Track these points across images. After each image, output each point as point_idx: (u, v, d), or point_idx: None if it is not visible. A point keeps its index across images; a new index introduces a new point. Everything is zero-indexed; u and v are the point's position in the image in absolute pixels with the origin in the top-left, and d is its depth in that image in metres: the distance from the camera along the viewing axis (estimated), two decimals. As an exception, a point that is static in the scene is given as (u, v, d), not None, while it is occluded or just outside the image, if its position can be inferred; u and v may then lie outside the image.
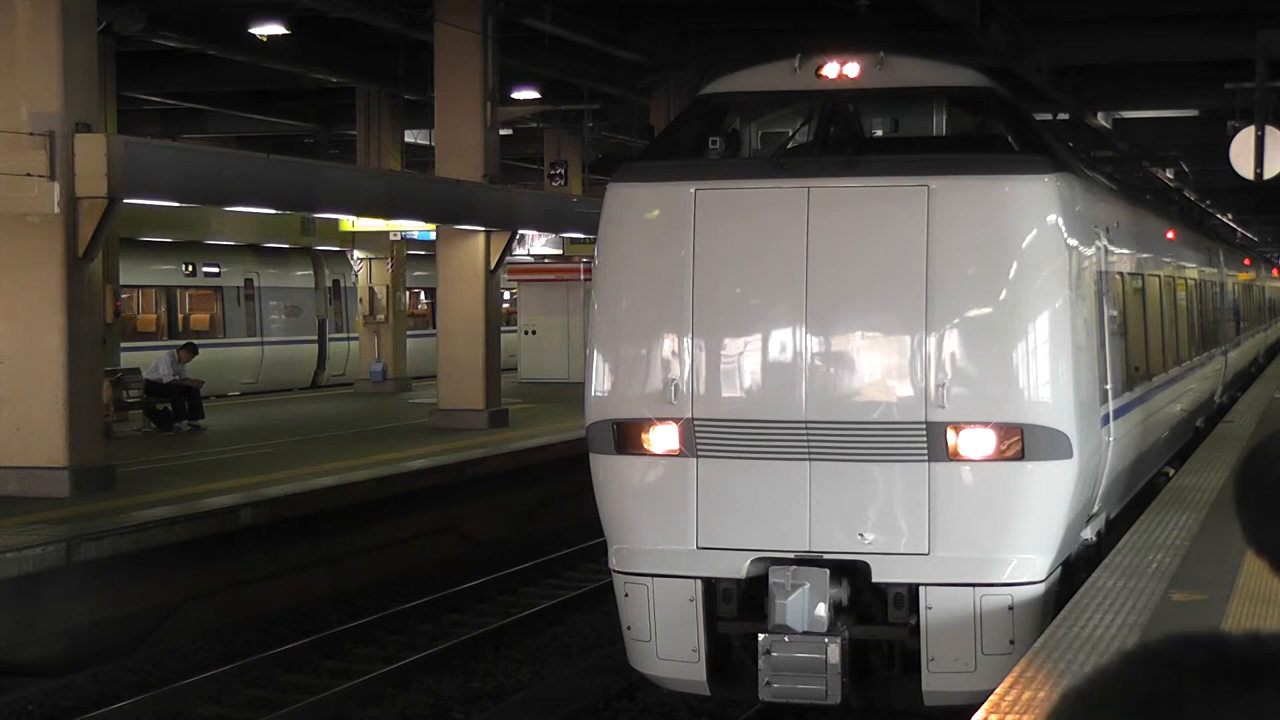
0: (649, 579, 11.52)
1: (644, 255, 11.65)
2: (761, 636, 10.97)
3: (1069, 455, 11.08)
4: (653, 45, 28.55)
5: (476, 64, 24.79)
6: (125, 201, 17.73)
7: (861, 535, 11.10)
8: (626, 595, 11.67)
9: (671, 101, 28.45)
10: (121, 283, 29.32)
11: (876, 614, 11.28)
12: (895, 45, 13.94)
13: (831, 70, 12.00)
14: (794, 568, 11.03)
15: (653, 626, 11.54)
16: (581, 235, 33.18)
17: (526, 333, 35.32)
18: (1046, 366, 11.10)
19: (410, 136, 35.79)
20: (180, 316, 36.31)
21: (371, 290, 34.02)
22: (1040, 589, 11.06)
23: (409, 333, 35.29)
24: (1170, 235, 19.85)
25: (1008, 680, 8.35)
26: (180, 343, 28.71)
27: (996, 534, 11.04)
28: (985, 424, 10.96)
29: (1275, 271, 51.97)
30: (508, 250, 26.39)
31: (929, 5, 22.16)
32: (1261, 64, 19.40)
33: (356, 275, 35.53)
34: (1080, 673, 1.39)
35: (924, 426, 10.96)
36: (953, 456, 10.95)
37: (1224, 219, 48.17)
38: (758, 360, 11.36)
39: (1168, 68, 31.46)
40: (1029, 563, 11.04)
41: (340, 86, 33.36)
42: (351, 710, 14.33)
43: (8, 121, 16.95)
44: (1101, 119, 35.14)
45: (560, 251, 38.16)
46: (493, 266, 25.73)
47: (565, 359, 33.81)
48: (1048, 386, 11.10)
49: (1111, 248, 13.23)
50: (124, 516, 16.35)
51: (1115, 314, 13.18)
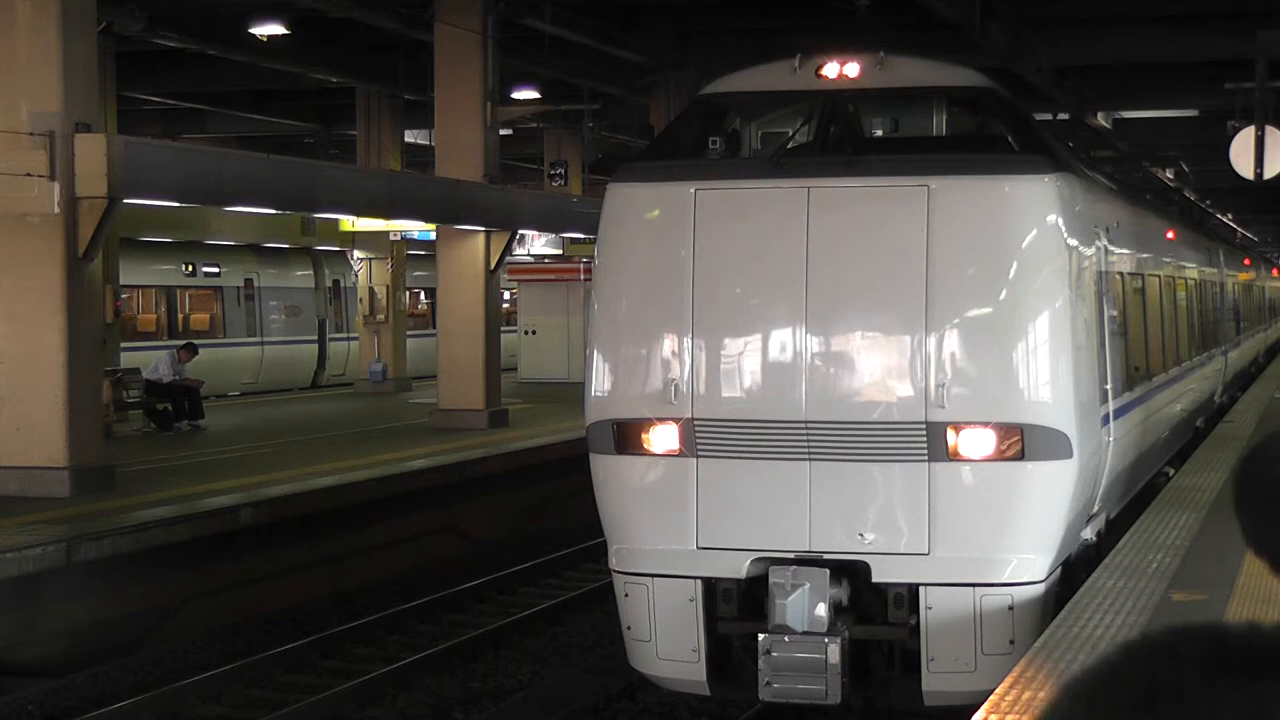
0: (649, 579, 11.52)
1: (644, 255, 11.65)
2: (761, 636, 10.97)
3: (1069, 455, 11.08)
4: (653, 45, 28.54)
5: (476, 64, 24.79)
6: (125, 201, 17.74)
7: (861, 535, 11.10)
8: (626, 595, 11.67)
9: (671, 101, 28.44)
10: (121, 283, 29.31)
11: (876, 614, 11.28)
12: (895, 45, 13.94)
13: (831, 70, 11.99)
14: (794, 568, 11.03)
15: (653, 626, 11.54)
16: (581, 235, 33.17)
17: (526, 333, 35.30)
18: (1046, 366, 11.10)
19: (410, 136, 35.77)
20: (180, 316, 36.30)
21: (371, 290, 34.01)
22: (1040, 589, 11.06)
23: (409, 333, 35.28)
24: (1170, 235, 19.85)
25: (1008, 680, 8.35)
26: (180, 343, 28.70)
27: (996, 534, 11.04)
28: (985, 424, 10.96)
29: (1275, 271, 51.95)
30: (508, 250, 26.38)
31: (929, 5, 22.16)
32: (1261, 64, 19.39)
33: (356, 275, 35.51)
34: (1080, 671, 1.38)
35: (924, 426, 10.96)
36: (953, 456, 10.95)
37: (1224, 219, 48.15)
38: (758, 360, 11.36)
39: (1168, 68, 31.46)
40: (1029, 563, 11.04)
41: (340, 86, 33.34)
42: (351, 710, 14.33)
43: (8, 121, 16.95)
44: (1101, 119, 35.13)
45: (560, 251, 38.14)
46: (493, 266, 25.72)
47: (565, 359, 33.80)
48: (1048, 386, 11.10)
49: (1111, 248, 13.22)
50: (124, 516, 16.35)
51: (1115, 314, 13.18)
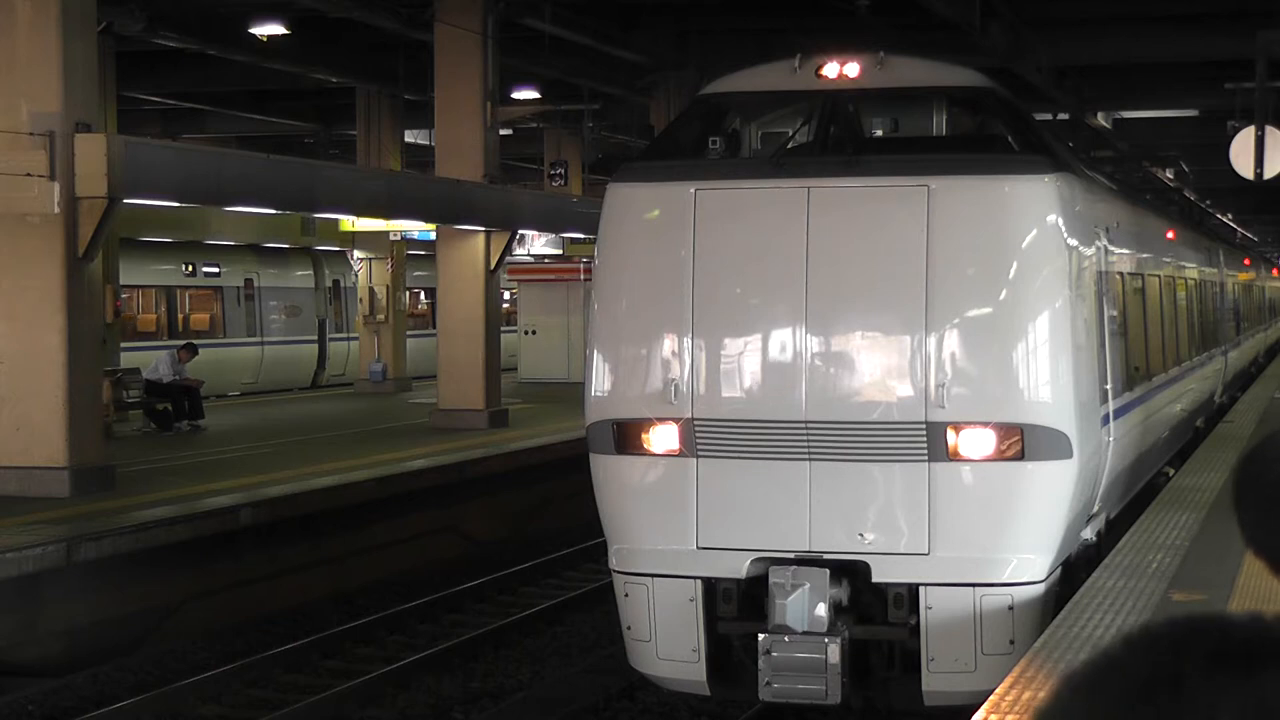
0: (649, 579, 11.52)
1: (644, 255, 11.65)
2: (761, 636, 10.97)
3: (1069, 455, 11.08)
4: (653, 45, 28.54)
5: (476, 64, 24.79)
6: (125, 201, 17.74)
7: (861, 535, 11.10)
8: (626, 595, 11.67)
9: (671, 101, 28.44)
10: (121, 283, 29.31)
11: (876, 614, 11.28)
12: (895, 45, 13.93)
13: (831, 70, 11.99)
14: (794, 568, 11.03)
15: (653, 626, 11.54)
16: (581, 235, 33.16)
17: (526, 333, 35.30)
18: (1046, 366, 11.10)
19: (410, 136, 35.77)
20: (180, 316, 36.30)
21: (371, 290, 34.00)
22: (1040, 589, 11.06)
23: (409, 333, 35.28)
24: (1170, 235, 19.85)
25: (1008, 680, 8.35)
26: (180, 343, 28.70)
27: (996, 534, 11.04)
28: (985, 424, 10.95)
29: (1275, 271, 51.95)
30: (508, 250, 26.38)
31: (929, 5, 22.16)
32: (1261, 64, 19.39)
33: (356, 275, 35.51)
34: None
35: (924, 426, 10.96)
36: (953, 456, 10.95)
37: (1224, 219, 48.15)
38: (758, 360, 11.36)
39: (1168, 68, 31.46)
40: (1029, 563, 11.04)
41: (340, 86, 33.34)
42: (351, 710, 14.33)
43: (8, 121, 16.95)
44: (1101, 119, 35.13)
45: (560, 251, 38.14)
46: (493, 266, 25.72)
47: (565, 359, 33.79)
48: (1048, 386, 11.10)
49: (1111, 248, 13.22)
50: (124, 516, 16.35)
51: (1115, 314, 13.17)
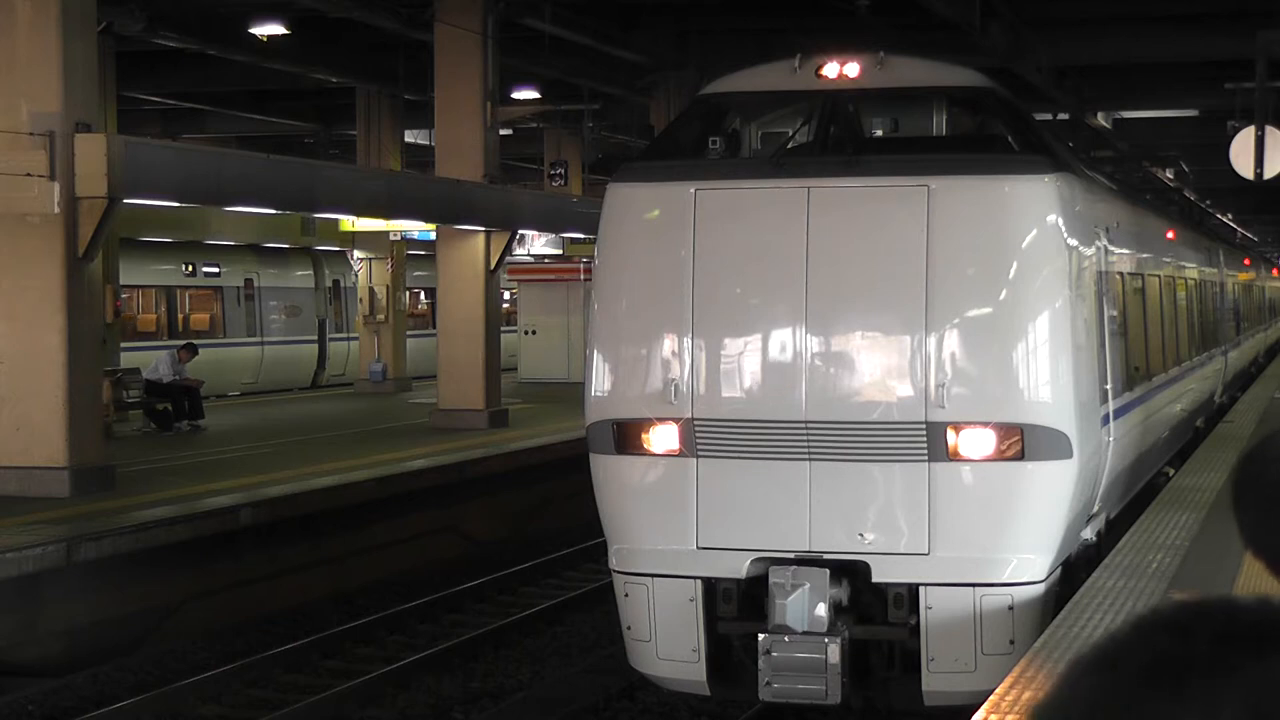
0: (649, 579, 11.52)
1: (644, 255, 11.65)
2: (761, 636, 10.97)
3: (1069, 455, 11.08)
4: (653, 45, 28.54)
5: (476, 64, 24.79)
6: (125, 201, 17.74)
7: (861, 535, 11.10)
8: (626, 595, 11.67)
9: (671, 101, 28.44)
10: (121, 283, 29.31)
11: (876, 614, 11.28)
12: (895, 45, 13.94)
13: (831, 70, 11.99)
14: (794, 568, 11.03)
15: (653, 626, 11.54)
16: (581, 235, 33.16)
17: (526, 333, 35.30)
18: (1046, 366, 11.10)
19: (410, 136, 35.77)
20: (180, 316, 36.29)
21: (371, 290, 34.01)
22: (1040, 589, 11.06)
23: (409, 333, 35.28)
24: (1170, 235, 19.84)
25: (1008, 680, 8.35)
26: (180, 343, 28.71)
27: (996, 534, 11.04)
28: (985, 424, 10.96)
29: (1275, 271, 51.94)
30: (508, 250, 26.38)
31: (929, 5, 22.16)
32: (1261, 64, 19.39)
33: (356, 275, 35.52)
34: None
35: (924, 426, 10.96)
36: (953, 456, 10.95)
37: (1224, 219, 48.15)
38: (758, 360, 11.36)
39: (1168, 68, 31.46)
40: (1029, 563, 11.04)
41: (340, 86, 33.34)
42: (351, 710, 14.33)
43: (8, 121, 16.95)
44: (1101, 119, 35.13)
45: (560, 251, 38.14)
46: (493, 266, 25.72)
47: (565, 359, 33.79)
48: (1048, 386, 11.10)
49: (1111, 248, 13.22)
50: (124, 516, 16.35)
51: (1115, 314, 13.17)
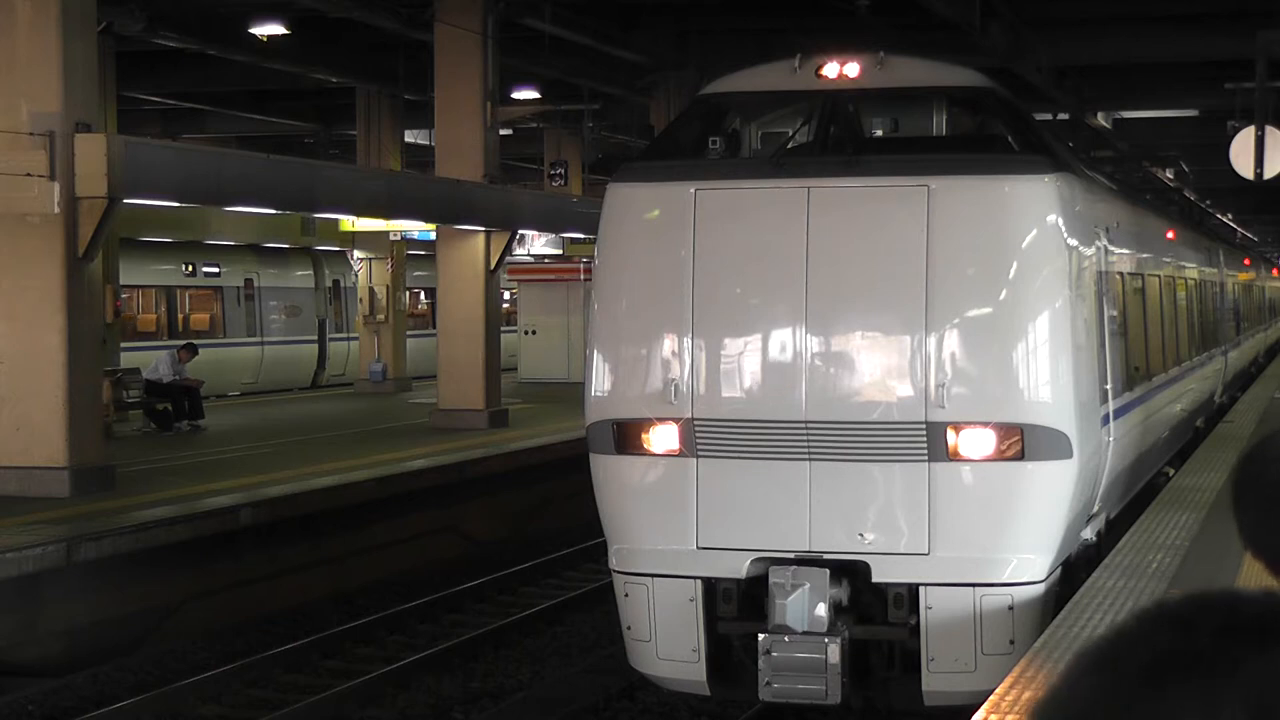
0: (649, 579, 11.52)
1: (644, 255, 11.65)
2: (761, 636, 10.97)
3: (1069, 455, 11.08)
4: (653, 45, 28.54)
5: (476, 64, 24.79)
6: (125, 201, 17.74)
7: (861, 535, 11.10)
8: (626, 595, 11.67)
9: (671, 101, 28.44)
10: (121, 283, 29.31)
11: (876, 614, 11.28)
12: (895, 45, 13.93)
13: (831, 70, 11.99)
14: (794, 568, 11.03)
15: (653, 626, 11.54)
16: (581, 235, 33.16)
17: (526, 333, 35.30)
18: (1046, 366, 11.10)
19: (410, 136, 35.77)
20: (180, 316, 36.30)
21: (371, 290, 34.01)
22: (1040, 589, 11.06)
23: (409, 333, 35.28)
24: (1170, 235, 19.84)
25: (1008, 680, 8.35)
26: (180, 343, 28.71)
27: (996, 534, 11.04)
28: (985, 424, 10.96)
29: (1275, 271, 51.94)
30: (508, 250, 26.38)
31: (929, 5, 22.16)
32: (1261, 64, 19.39)
33: (356, 275, 35.51)
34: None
35: (924, 426, 10.96)
36: (953, 456, 10.95)
37: (1224, 219, 48.14)
38: (758, 360, 11.36)
39: (1168, 68, 31.45)
40: (1029, 563, 11.04)
41: (340, 86, 33.34)
42: (351, 710, 14.33)
43: (8, 121, 16.95)
44: (1101, 119, 35.12)
45: (560, 251, 38.14)
46: (493, 266, 25.72)
47: (565, 359, 33.79)
48: (1048, 386, 11.10)
49: (1111, 248, 13.22)
50: (124, 516, 16.35)
51: (1115, 314, 13.17)
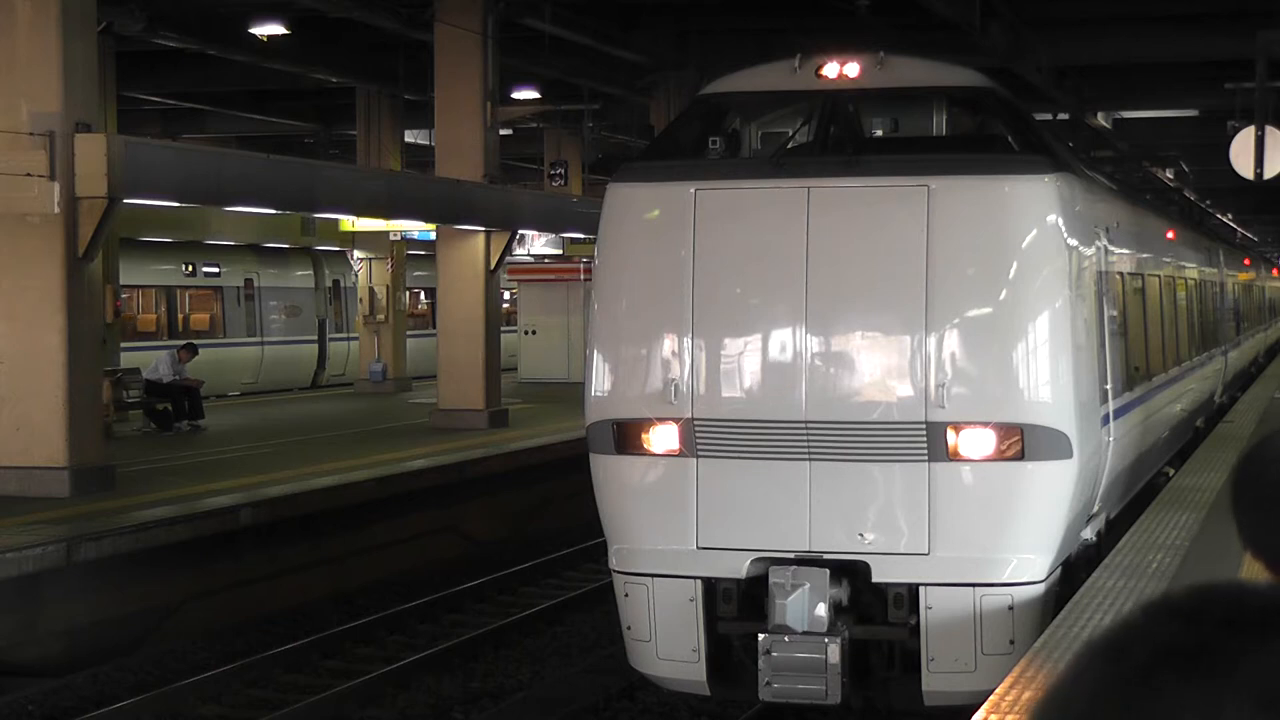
0: (649, 579, 11.52)
1: (644, 255, 11.65)
2: (761, 636, 10.97)
3: (1069, 455, 11.08)
4: (653, 45, 28.54)
5: (476, 64, 24.79)
6: (125, 201, 17.74)
7: (861, 535, 11.10)
8: (626, 595, 11.67)
9: (671, 101, 28.44)
10: (121, 283, 29.31)
11: (876, 614, 11.28)
12: (895, 45, 13.93)
13: (831, 70, 11.99)
14: (794, 568, 11.03)
15: (653, 626, 11.54)
16: (581, 235, 33.16)
17: (526, 333, 35.30)
18: (1046, 366, 11.10)
19: (410, 136, 35.77)
20: (180, 316, 36.30)
21: (371, 290, 34.01)
22: (1040, 589, 11.06)
23: (409, 333, 35.28)
24: (1170, 235, 19.84)
25: (1008, 680, 8.35)
26: (180, 343, 28.71)
27: (996, 534, 11.04)
28: (985, 424, 10.96)
29: (1275, 271, 51.94)
30: (508, 250, 26.38)
31: (929, 5, 22.16)
32: (1261, 64, 19.39)
33: (356, 275, 35.52)
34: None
35: (924, 426, 10.96)
36: (953, 456, 10.95)
37: (1224, 219, 48.14)
38: (758, 360, 11.36)
39: (1168, 68, 31.46)
40: (1029, 563, 11.04)
41: (340, 86, 33.34)
42: (351, 710, 14.33)
43: (8, 121, 16.95)
44: (1101, 119, 35.12)
45: (560, 251, 38.14)
46: (493, 266, 25.72)
47: (565, 359, 33.79)
48: (1048, 386, 11.10)
49: (1111, 248, 13.22)
50: (124, 516, 16.35)
51: (1115, 314, 13.17)
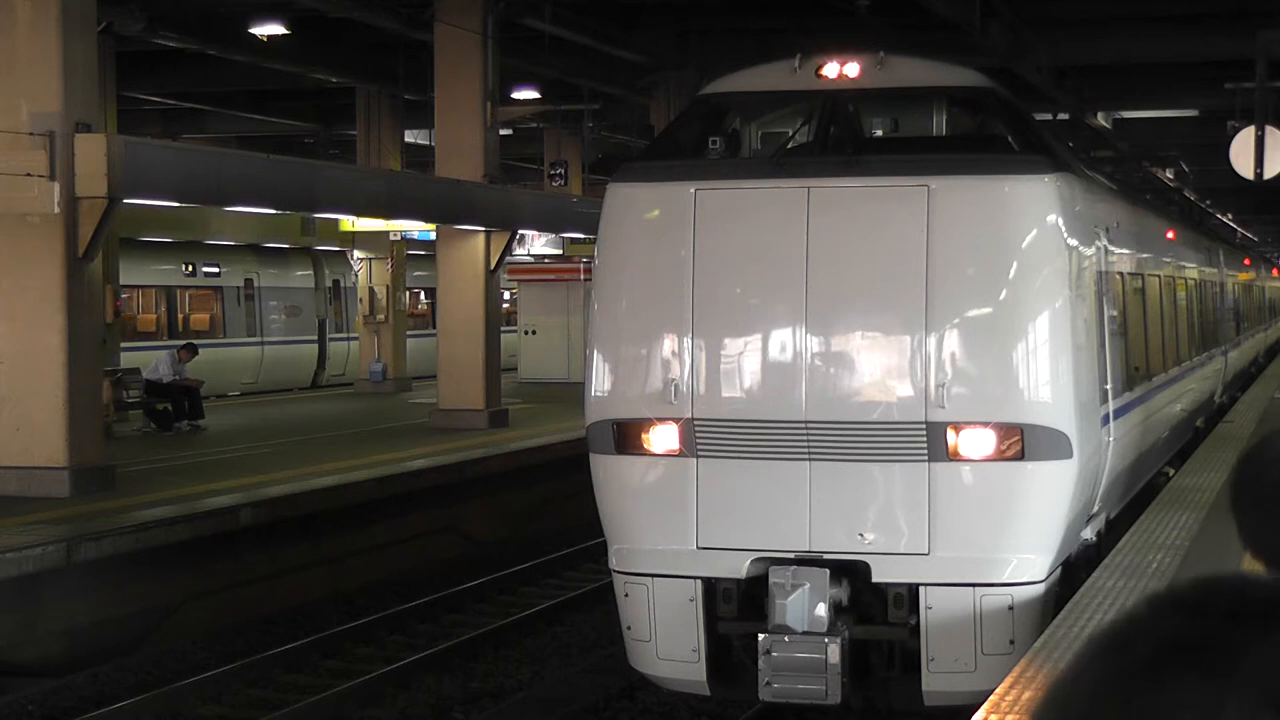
0: (649, 579, 11.52)
1: (644, 255, 11.65)
2: (761, 636, 10.97)
3: (1069, 455, 11.08)
4: (653, 45, 28.54)
5: (476, 64, 24.79)
6: (125, 201, 17.74)
7: (861, 535, 11.10)
8: (626, 595, 11.67)
9: (671, 101, 28.44)
10: (121, 283, 29.31)
11: (876, 614, 11.28)
12: (895, 45, 13.93)
13: (831, 70, 11.99)
14: (794, 568, 11.03)
15: (653, 626, 11.54)
16: (581, 235, 33.17)
17: (526, 333, 35.30)
18: (1046, 366, 11.10)
19: (410, 136, 35.77)
20: (180, 316, 36.30)
21: (371, 290, 34.01)
22: (1040, 589, 11.06)
23: (409, 333, 35.28)
24: (1170, 235, 19.84)
25: (1008, 680, 8.34)
26: (180, 343, 28.71)
27: (996, 534, 11.04)
28: (985, 424, 10.96)
29: (1275, 271, 51.94)
30: (508, 250, 26.38)
31: (929, 5, 22.16)
32: (1261, 64, 19.39)
33: (356, 275, 35.52)
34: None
35: (924, 426, 10.96)
36: (953, 456, 10.95)
37: (1224, 219, 48.13)
38: (758, 360, 11.36)
39: (1168, 68, 31.45)
40: (1029, 563, 11.04)
41: (340, 86, 33.34)
42: (351, 710, 14.33)
43: (8, 121, 16.95)
44: (1101, 119, 35.12)
45: (560, 251, 38.14)
46: (493, 266, 25.72)
47: (565, 359, 33.79)
48: (1048, 386, 11.10)
49: (1111, 248, 13.22)
50: (124, 516, 16.35)
51: (1115, 314, 13.17)
